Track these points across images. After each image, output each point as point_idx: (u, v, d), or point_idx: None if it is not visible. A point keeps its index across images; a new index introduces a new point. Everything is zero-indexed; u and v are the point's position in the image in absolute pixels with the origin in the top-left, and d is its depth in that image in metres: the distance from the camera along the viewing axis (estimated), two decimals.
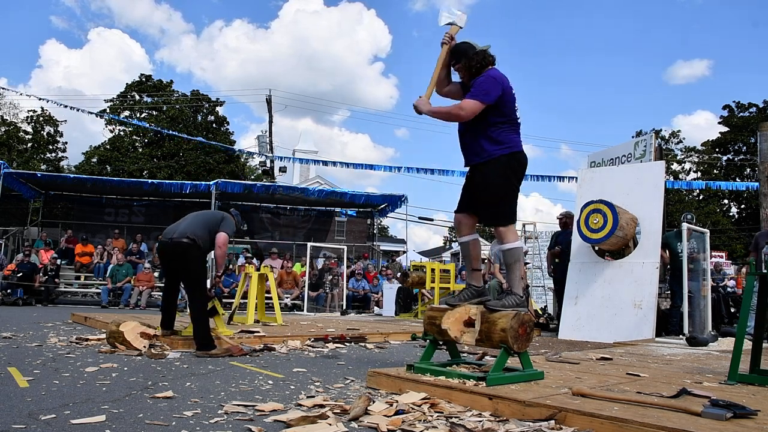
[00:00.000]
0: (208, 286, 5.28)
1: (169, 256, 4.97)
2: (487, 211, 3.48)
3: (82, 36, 68.42)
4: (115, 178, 19.60)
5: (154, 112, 35.15)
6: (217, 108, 36.41)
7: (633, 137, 18.43)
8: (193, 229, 4.90)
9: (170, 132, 27.19)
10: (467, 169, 3.62)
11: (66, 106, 20.92)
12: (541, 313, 10.51)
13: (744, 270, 14.07)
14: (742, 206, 40.64)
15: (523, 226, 14.63)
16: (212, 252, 5.24)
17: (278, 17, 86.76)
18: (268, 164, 25.03)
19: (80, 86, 60.07)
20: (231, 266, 13.02)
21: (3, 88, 24.30)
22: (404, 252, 23.50)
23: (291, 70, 75.50)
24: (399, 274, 13.08)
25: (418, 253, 39.91)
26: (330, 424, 2.38)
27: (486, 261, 13.16)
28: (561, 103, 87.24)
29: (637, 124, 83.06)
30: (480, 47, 3.50)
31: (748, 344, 3.78)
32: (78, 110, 20.91)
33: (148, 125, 30.58)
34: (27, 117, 34.29)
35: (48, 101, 21.94)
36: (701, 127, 68.97)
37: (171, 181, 19.50)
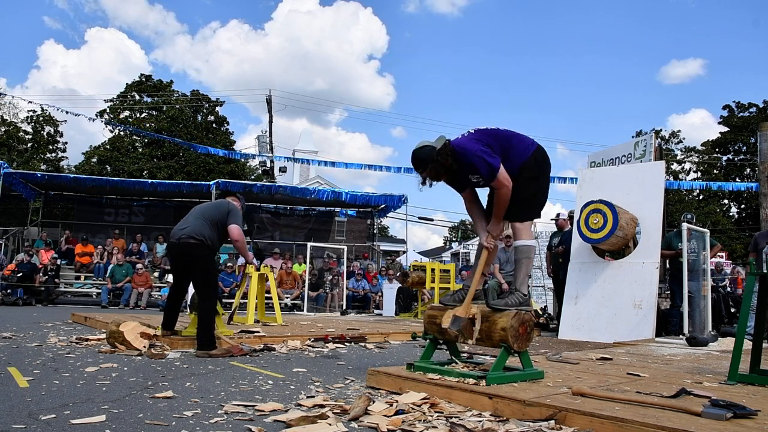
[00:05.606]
0: (255, 262, 6.08)
1: (177, 256, 4.98)
2: (515, 207, 3.36)
3: (76, 37, 68.41)
4: (115, 178, 19.57)
5: (154, 112, 35.14)
6: (217, 108, 36.44)
7: (633, 137, 18.45)
8: (200, 229, 4.88)
9: (164, 137, 27.15)
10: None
11: (62, 110, 20.85)
12: (541, 313, 10.50)
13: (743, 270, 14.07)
14: (742, 206, 40.62)
15: None
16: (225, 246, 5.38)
17: (272, 18, 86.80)
18: (268, 164, 25.03)
19: (78, 86, 60.10)
20: (231, 266, 13.02)
21: (2, 94, 24.17)
22: (404, 252, 23.50)
23: (286, 69, 75.57)
24: (399, 274, 13.08)
25: (418, 253, 39.90)
26: (330, 424, 2.37)
27: None
28: (556, 103, 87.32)
29: (631, 124, 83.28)
30: (433, 143, 3.30)
31: (748, 344, 3.78)
32: (68, 112, 20.82)
33: (143, 131, 30.48)
34: (27, 117, 34.28)
35: (44, 107, 21.76)
36: (696, 126, 68.96)
37: (171, 181, 19.51)
